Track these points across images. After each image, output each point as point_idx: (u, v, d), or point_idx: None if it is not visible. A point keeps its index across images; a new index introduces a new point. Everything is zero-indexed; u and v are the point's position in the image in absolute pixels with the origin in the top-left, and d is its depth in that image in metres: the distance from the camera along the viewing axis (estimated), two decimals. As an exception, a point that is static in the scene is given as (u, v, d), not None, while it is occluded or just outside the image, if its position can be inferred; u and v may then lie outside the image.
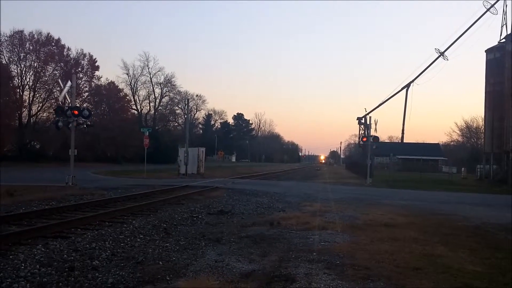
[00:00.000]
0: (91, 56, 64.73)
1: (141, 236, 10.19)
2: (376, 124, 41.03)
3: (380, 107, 68.21)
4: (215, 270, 7.31)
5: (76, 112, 22.21)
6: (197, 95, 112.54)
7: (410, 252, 8.97)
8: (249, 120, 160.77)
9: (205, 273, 7.05)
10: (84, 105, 57.82)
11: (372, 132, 37.68)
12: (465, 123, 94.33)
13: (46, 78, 58.46)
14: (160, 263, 7.78)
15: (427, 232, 11.65)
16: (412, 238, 10.55)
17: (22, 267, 7.10)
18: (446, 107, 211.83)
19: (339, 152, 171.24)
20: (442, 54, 60.29)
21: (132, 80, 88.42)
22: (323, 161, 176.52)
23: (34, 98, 58.52)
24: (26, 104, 57.93)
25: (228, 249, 8.95)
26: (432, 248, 9.46)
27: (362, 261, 7.99)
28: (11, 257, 7.72)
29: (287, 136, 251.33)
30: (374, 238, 10.47)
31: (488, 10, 50.98)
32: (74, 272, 6.97)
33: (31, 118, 59.11)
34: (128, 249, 8.80)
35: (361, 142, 45.12)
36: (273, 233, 10.98)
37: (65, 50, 61.26)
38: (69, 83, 23.48)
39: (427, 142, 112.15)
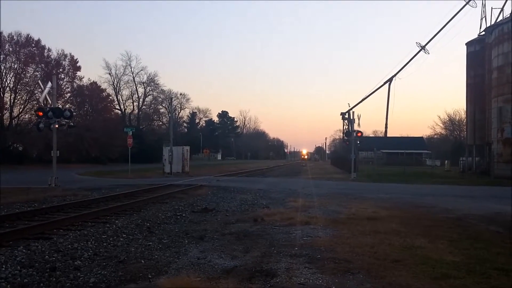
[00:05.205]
0: (72, 57, 64.19)
1: (124, 235, 10.19)
2: (359, 119, 41.45)
3: (363, 101, 68.95)
4: (197, 267, 7.35)
5: (57, 113, 22.05)
6: (181, 94, 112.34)
7: (391, 244, 9.07)
8: (234, 117, 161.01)
9: (187, 270, 7.08)
10: (67, 105, 57.22)
11: (356, 127, 38.01)
12: (448, 116, 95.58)
13: (27, 80, 57.68)
14: (143, 261, 7.79)
15: (409, 225, 11.78)
16: (393, 231, 10.67)
17: (3, 269, 7.08)
18: (429, 100, 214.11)
19: (324, 147, 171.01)
20: (423, 48, 61.04)
21: (115, 80, 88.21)
22: (306, 157, 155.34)
23: (15, 100, 57.77)
24: (7, 106, 57.16)
25: (211, 246, 8.98)
26: (412, 240, 9.56)
27: (343, 254, 8.09)
28: (-9, 259, 7.68)
29: (272, 133, 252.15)
30: (356, 231, 10.58)
31: (467, 3, 51.71)
32: (56, 273, 6.97)
33: (13, 120, 58.35)
34: (110, 249, 8.79)
35: (345, 137, 45.40)
36: (256, 229, 11.03)
37: (46, 51, 60.53)
38: (49, 84, 23.28)
39: (411, 136, 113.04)
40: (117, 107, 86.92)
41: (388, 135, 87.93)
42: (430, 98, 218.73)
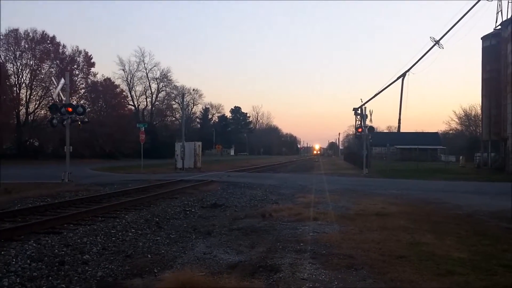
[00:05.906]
0: (86, 53, 64.93)
1: (132, 230, 10.33)
2: (371, 114, 41.10)
3: (378, 97, 68.43)
4: (203, 262, 7.44)
5: (70, 109, 22.31)
6: (193, 89, 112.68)
7: (397, 240, 9.07)
8: (246, 113, 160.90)
9: (192, 265, 7.16)
10: (81, 101, 57.98)
11: (368, 122, 37.77)
12: (463, 111, 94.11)
13: (42, 76, 58.66)
14: (149, 256, 7.91)
15: (417, 221, 11.74)
16: (401, 227, 10.64)
17: (13, 262, 7.23)
18: (444, 95, 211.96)
19: (337, 143, 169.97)
20: (437, 42, 60.29)
21: (128, 76, 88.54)
22: (319, 152, 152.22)
23: (31, 96, 58.80)
24: (23, 102, 58.17)
25: (218, 242, 9.07)
26: (420, 236, 9.53)
27: (348, 250, 8.11)
28: (2, 253, 7.86)
29: (285, 129, 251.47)
30: (364, 227, 10.58)
31: (483, -3, 50.89)
32: (64, 266, 7.11)
33: (29, 116, 59.24)
34: (119, 243, 8.93)
35: (357, 133, 45.22)
36: (264, 225, 11.08)
37: (61, 47, 61.45)
38: (62, 80, 23.56)
39: (426, 131, 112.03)
40: (131, 103, 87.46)
41: (402, 131, 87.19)
42: (445, 93, 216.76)
